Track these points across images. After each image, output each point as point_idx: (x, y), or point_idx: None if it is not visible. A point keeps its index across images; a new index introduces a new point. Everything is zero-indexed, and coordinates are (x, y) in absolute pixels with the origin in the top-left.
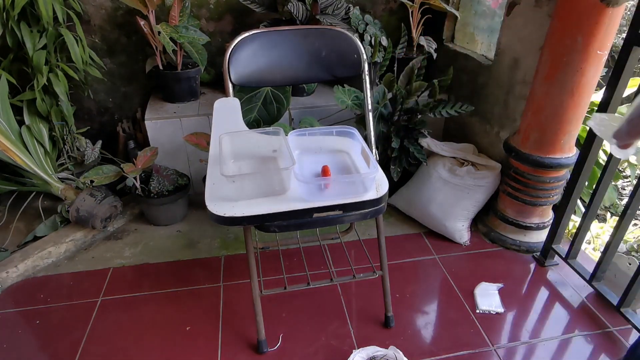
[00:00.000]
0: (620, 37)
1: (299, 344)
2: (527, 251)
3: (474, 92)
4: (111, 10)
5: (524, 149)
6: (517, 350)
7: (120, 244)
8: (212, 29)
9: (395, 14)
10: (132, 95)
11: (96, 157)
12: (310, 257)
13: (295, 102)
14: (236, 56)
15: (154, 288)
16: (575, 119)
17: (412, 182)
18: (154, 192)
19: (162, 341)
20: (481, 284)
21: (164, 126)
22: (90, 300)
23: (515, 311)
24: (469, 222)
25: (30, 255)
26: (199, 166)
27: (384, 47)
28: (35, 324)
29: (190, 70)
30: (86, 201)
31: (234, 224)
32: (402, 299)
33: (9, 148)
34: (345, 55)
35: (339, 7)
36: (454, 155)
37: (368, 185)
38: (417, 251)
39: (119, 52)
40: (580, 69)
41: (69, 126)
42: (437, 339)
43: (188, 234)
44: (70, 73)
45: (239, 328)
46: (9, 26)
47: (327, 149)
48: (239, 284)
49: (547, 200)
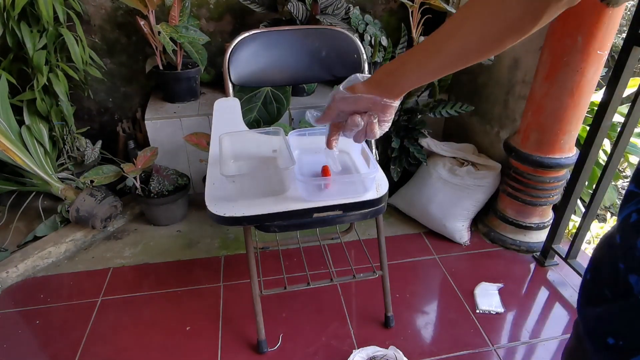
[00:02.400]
0: (620, 37)
1: (299, 344)
2: (527, 251)
3: (474, 92)
4: (111, 10)
5: (524, 149)
6: (517, 350)
7: (120, 244)
8: (212, 29)
9: (395, 14)
10: (132, 95)
11: (96, 157)
12: (310, 257)
13: (295, 102)
14: (236, 56)
15: (154, 288)
16: (575, 119)
17: (412, 182)
18: (154, 192)
19: (162, 341)
20: (481, 284)
21: (164, 126)
22: (90, 300)
23: (515, 311)
24: (469, 222)
25: (30, 255)
26: (199, 166)
27: (384, 47)
28: (35, 324)
29: (190, 70)
30: (86, 201)
31: (234, 224)
32: (402, 299)
33: (9, 148)
34: (345, 55)
35: (339, 7)
36: (454, 155)
37: (368, 185)
38: (417, 251)
39: (119, 52)
40: (580, 69)
41: (69, 126)
42: (437, 339)
43: (188, 234)
44: (70, 73)
45: (239, 328)
46: (9, 26)
47: (327, 149)
48: (239, 284)
49: (547, 200)
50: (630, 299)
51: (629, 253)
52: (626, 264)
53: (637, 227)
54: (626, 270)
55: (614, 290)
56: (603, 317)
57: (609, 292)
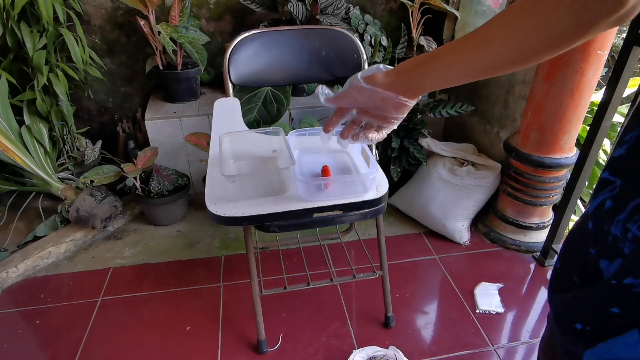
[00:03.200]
0: (620, 37)
1: (299, 344)
2: (527, 251)
3: (474, 92)
4: (111, 10)
5: (524, 149)
6: (517, 350)
7: (120, 244)
8: (212, 29)
9: (395, 14)
10: (132, 95)
11: (96, 157)
12: (310, 257)
13: (295, 102)
14: (236, 56)
15: (154, 288)
16: (575, 119)
17: (412, 182)
18: (154, 192)
19: (162, 341)
20: (481, 284)
21: (164, 126)
22: (90, 300)
23: (515, 311)
24: (469, 222)
25: (30, 255)
26: (199, 166)
27: (384, 47)
28: (35, 324)
29: (190, 70)
30: (86, 201)
31: (234, 224)
32: (402, 299)
33: (9, 148)
34: (345, 55)
35: (339, 7)
36: (454, 155)
37: (368, 185)
38: (417, 251)
39: (119, 52)
40: (580, 69)
41: (69, 126)
42: (437, 339)
43: (188, 234)
44: (70, 73)
45: (239, 328)
46: (9, 26)
47: (327, 149)
48: (239, 284)
49: (547, 200)
50: (600, 283)
51: (601, 238)
52: (597, 249)
53: (612, 213)
54: (597, 255)
55: (583, 277)
56: (571, 304)
57: (577, 278)
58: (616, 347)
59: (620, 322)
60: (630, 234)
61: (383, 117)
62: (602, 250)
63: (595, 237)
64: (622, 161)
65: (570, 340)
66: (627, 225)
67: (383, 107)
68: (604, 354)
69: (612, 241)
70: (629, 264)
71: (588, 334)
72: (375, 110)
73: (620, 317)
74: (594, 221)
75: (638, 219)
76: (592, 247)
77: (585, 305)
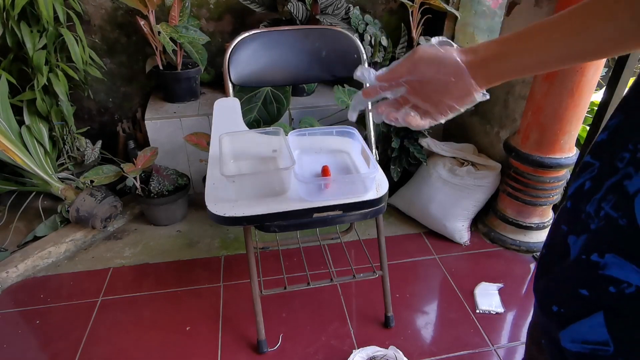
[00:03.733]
0: None
1: (299, 344)
2: (527, 251)
3: None
4: (111, 10)
5: (524, 149)
6: (517, 350)
7: (120, 244)
8: (212, 29)
9: (395, 14)
10: (132, 95)
11: (96, 157)
12: (310, 257)
13: (295, 102)
14: (236, 56)
15: (154, 288)
16: (575, 119)
17: (412, 182)
18: (154, 192)
19: (162, 341)
20: (481, 284)
21: (164, 126)
22: (90, 300)
23: (515, 311)
24: (469, 222)
25: (30, 255)
26: (199, 166)
27: (384, 47)
28: (35, 324)
29: (190, 70)
30: (86, 201)
31: (234, 224)
32: (402, 299)
33: (9, 148)
34: (345, 55)
35: (339, 7)
36: (454, 155)
37: (368, 185)
38: (417, 251)
39: (119, 52)
40: (580, 69)
41: (69, 126)
42: (437, 339)
43: (188, 234)
44: (70, 73)
45: (239, 328)
46: (9, 26)
47: (327, 149)
48: (239, 284)
49: (547, 200)
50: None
51: (574, 215)
52: (569, 225)
53: (590, 193)
54: (568, 231)
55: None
56: (549, 286)
57: (557, 258)
58: (584, 329)
59: (588, 304)
60: (603, 212)
61: (438, 101)
62: (573, 227)
63: (569, 214)
64: (602, 145)
65: (549, 320)
66: (601, 204)
67: (444, 88)
68: (575, 335)
69: (585, 217)
70: (592, 239)
71: (562, 315)
72: (434, 92)
73: (589, 300)
74: (572, 201)
75: (612, 198)
76: (565, 224)
77: (559, 286)
